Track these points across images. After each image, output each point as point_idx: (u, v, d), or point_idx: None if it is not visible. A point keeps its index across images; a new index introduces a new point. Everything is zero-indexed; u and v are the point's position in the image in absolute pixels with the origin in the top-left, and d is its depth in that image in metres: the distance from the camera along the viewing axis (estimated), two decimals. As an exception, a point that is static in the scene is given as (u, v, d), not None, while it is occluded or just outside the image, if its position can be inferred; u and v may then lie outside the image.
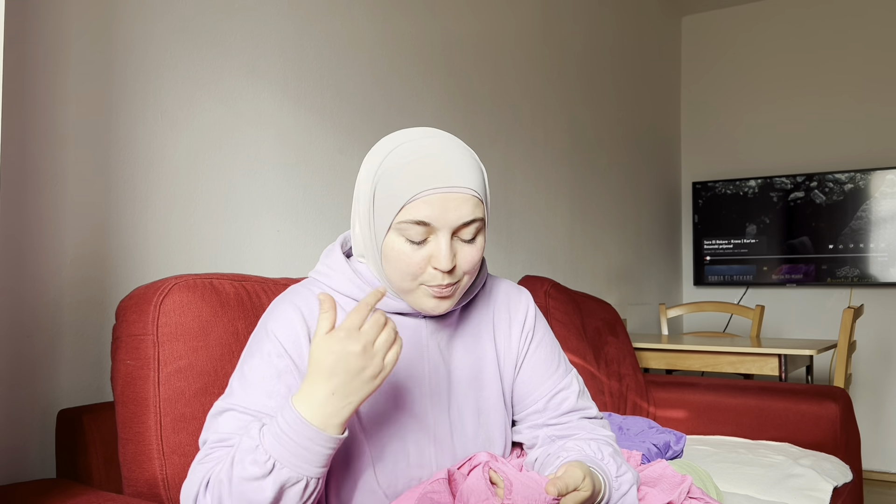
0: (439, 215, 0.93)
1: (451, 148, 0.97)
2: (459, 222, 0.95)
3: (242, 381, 0.96)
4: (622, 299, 3.62)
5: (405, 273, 0.96)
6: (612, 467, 1.02)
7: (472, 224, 0.96)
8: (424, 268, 0.96)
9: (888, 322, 3.85)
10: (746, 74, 4.26)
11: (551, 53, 3.04)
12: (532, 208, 2.88)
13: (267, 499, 0.84)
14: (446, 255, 0.94)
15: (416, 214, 0.93)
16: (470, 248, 0.98)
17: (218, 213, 1.63)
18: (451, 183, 0.94)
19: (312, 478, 0.86)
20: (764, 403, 2.25)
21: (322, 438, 0.85)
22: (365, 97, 2.06)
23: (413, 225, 0.93)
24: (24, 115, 1.27)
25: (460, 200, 0.94)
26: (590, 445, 1.05)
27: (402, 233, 0.95)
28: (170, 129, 1.53)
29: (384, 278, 1.01)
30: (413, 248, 0.95)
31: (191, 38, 1.57)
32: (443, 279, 0.96)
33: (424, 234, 0.94)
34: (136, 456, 1.10)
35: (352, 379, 0.85)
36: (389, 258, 0.97)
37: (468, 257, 0.98)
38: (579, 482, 0.92)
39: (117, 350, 1.15)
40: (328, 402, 0.85)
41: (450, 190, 0.94)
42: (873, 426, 3.86)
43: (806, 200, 3.94)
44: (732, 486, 1.74)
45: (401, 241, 0.95)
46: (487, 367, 1.10)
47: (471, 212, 0.95)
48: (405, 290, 0.99)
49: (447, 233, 0.95)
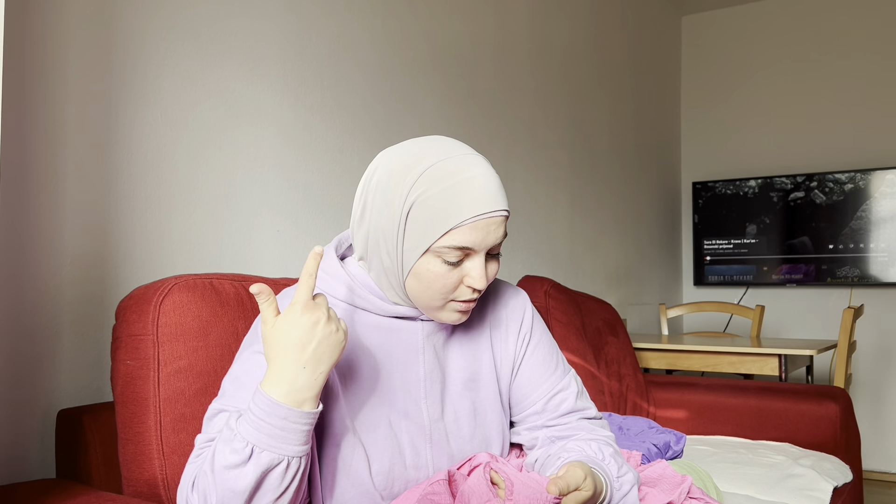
0: (481, 240, 0.95)
1: (485, 169, 0.97)
2: (496, 243, 0.98)
3: (235, 383, 0.96)
4: (622, 299, 3.62)
5: (438, 293, 0.97)
6: (614, 468, 1.02)
7: (501, 242, 0.99)
8: (458, 286, 0.98)
9: (888, 322, 3.85)
10: (746, 74, 4.26)
11: (551, 53, 3.04)
12: (532, 208, 2.88)
13: (248, 485, 0.84)
14: (483, 276, 0.97)
15: (460, 241, 0.94)
16: (495, 262, 1.01)
17: (218, 213, 1.63)
18: (493, 208, 0.95)
19: (294, 457, 0.86)
20: (764, 403, 2.25)
21: (297, 415, 0.86)
22: (365, 97, 2.05)
23: (454, 250, 0.95)
24: (24, 115, 1.27)
25: (499, 223, 0.97)
26: (590, 446, 1.06)
27: (440, 255, 0.95)
28: (170, 129, 1.53)
29: (396, 292, 1.01)
30: (449, 269, 0.96)
31: (191, 38, 1.57)
32: (472, 294, 0.99)
33: (462, 256, 0.96)
34: (135, 456, 1.10)
35: (322, 347, 0.86)
36: (422, 279, 0.97)
37: (493, 271, 1.01)
38: (580, 482, 0.92)
39: (117, 350, 1.15)
40: (298, 377, 0.86)
41: (492, 215, 0.95)
42: (873, 426, 3.86)
43: (806, 200, 3.94)
44: (732, 486, 1.74)
45: (437, 263, 0.96)
46: (484, 368, 1.10)
47: (503, 232, 0.98)
48: (433, 307, 1.00)
49: (483, 254, 0.97)
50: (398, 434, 1.02)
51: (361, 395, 1.01)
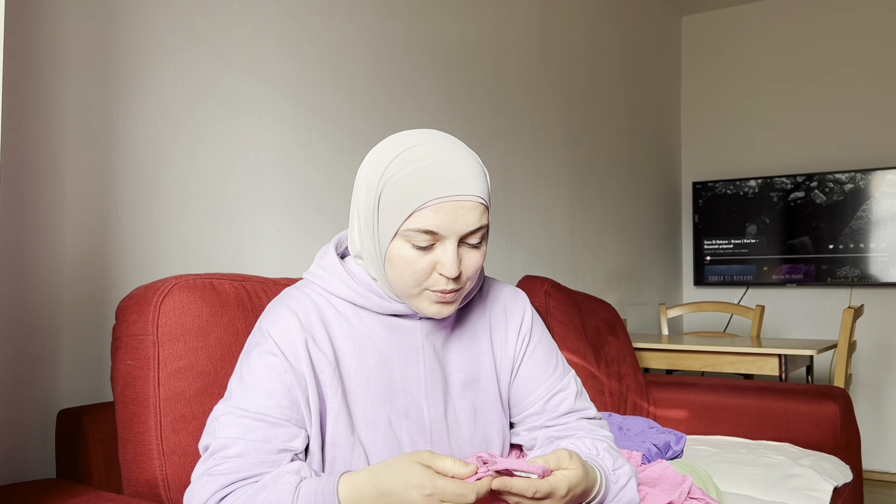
0: (448, 224, 0.93)
1: (459, 154, 0.96)
2: (467, 230, 0.95)
3: (241, 383, 0.96)
4: (622, 299, 3.62)
5: (410, 279, 0.96)
6: (609, 461, 1.03)
7: (478, 231, 0.96)
8: (430, 273, 0.96)
9: (888, 322, 3.85)
10: (746, 74, 4.26)
11: (551, 53, 3.04)
12: (532, 208, 2.88)
13: None
14: (453, 263, 0.94)
15: (425, 223, 0.93)
16: (475, 254, 0.98)
17: (218, 213, 1.63)
18: (460, 191, 0.94)
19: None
20: (764, 403, 2.25)
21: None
22: (365, 97, 2.05)
23: (420, 233, 0.93)
24: (24, 115, 1.27)
25: (468, 209, 0.94)
26: (584, 443, 1.06)
27: (409, 239, 0.94)
28: (170, 129, 1.53)
29: (385, 282, 1.01)
30: (419, 255, 0.95)
31: (191, 38, 1.57)
32: (447, 284, 0.96)
33: (431, 241, 0.94)
34: (136, 456, 1.10)
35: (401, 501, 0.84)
36: (395, 264, 0.96)
37: (472, 263, 0.98)
38: (567, 462, 0.92)
39: (117, 350, 1.15)
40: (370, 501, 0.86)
41: (459, 199, 0.94)
42: (873, 426, 3.86)
43: (806, 200, 3.94)
44: (732, 487, 1.74)
45: (407, 248, 0.95)
46: (484, 368, 1.10)
47: (478, 219, 0.95)
48: (409, 295, 0.99)
49: (454, 240, 0.95)
50: (398, 434, 1.02)
51: (362, 394, 1.01)
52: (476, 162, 0.98)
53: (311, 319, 1.00)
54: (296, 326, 0.98)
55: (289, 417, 0.95)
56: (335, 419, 0.98)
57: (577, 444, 1.06)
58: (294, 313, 1.00)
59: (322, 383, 0.98)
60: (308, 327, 0.99)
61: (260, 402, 0.94)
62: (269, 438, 0.93)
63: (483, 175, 0.98)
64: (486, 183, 0.98)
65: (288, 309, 1.00)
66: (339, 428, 0.98)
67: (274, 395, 0.95)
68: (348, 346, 1.02)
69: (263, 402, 0.94)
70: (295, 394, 0.95)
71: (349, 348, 1.02)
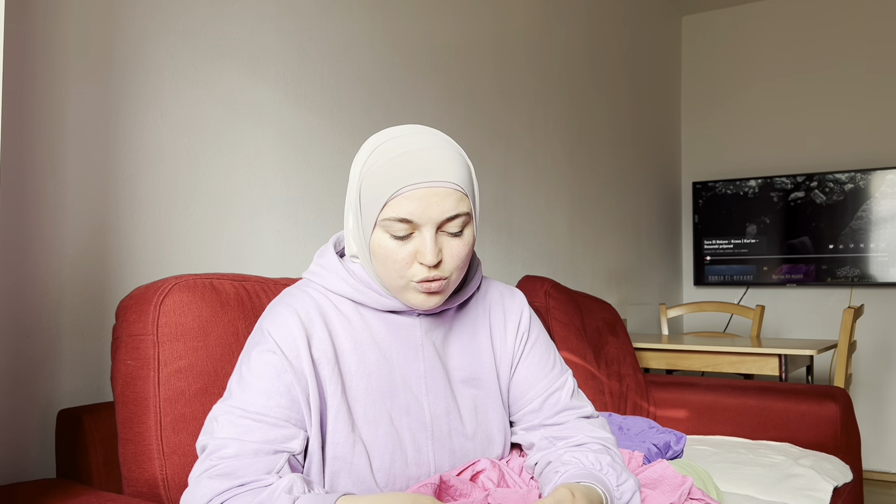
0: (422, 211, 0.94)
1: (434, 144, 0.97)
2: (443, 217, 0.95)
3: (241, 383, 0.96)
4: (622, 299, 3.62)
5: (392, 269, 0.97)
6: (612, 477, 1.01)
7: (456, 218, 0.96)
8: (411, 263, 0.96)
9: (888, 322, 3.85)
10: (746, 74, 4.26)
11: (551, 53, 3.04)
12: (532, 208, 2.88)
13: None
14: (431, 250, 0.94)
15: (399, 211, 0.93)
16: (457, 242, 0.98)
17: (218, 213, 1.63)
18: (431, 178, 0.94)
19: None
20: (764, 403, 2.25)
21: None
22: (365, 97, 2.05)
23: (396, 222, 0.94)
24: (24, 115, 1.27)
25: (442, 195, 0.94)
26: (587, 457, 1.04)
27: (387, 229, 0.95)
28: (170, 129, 1.53)
29: (375, 276, 1.02)
30: (398, 244, 0.96)
31: (191, 38, 1.57)
32: (428, 273, 0.96)
33: (409, 230, 0.95)
34: (136, 456, 1.10)
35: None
36: (377, 255, 0.97)
37: (455, 251, 0.98)
38: (570, 500, 0.91)
39: (117, 350, 1.15)
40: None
41: (431, 185, 0.94)
42: (873, 426, 3.86)
43: (806, 200, 3.94)
44: (733, 487, 1.74)
45: (386, 238, 0.96)
46: (484, 366, 1.11)
47: (454, 206, 0.95)
48: (395, 286, 0.99)
49: (431, 228, 0.95)
50: (399, 431, 1.02)
51: (363, 391, 1.01)
52: (454, 151, 0.98)
53: (311, 317, 1.00)
54: (296, 324, 0.98)
55: (288, 418, 0.95)
56: (336, 417, 0.98)
57: (581, 458, 1.04)
58: (294, 311, 1.00)
59: (322, 381, 0.98)
60: (308, 325, 0.99)
61: (259, 402, 0.94)
62: (267, 440, 0.92)
63: (462, 163, 0.98)
64: (465, 171, 0.98)
65: (288, 307, 1.00)
66: (339, 426, 0.98)
67: (273, 394, 0.95)
68: (349, 344, 1.02)
69: (262, 402, 0.94)
70: (295, 393, 0.95)
71: (349, 345, 1.02)
